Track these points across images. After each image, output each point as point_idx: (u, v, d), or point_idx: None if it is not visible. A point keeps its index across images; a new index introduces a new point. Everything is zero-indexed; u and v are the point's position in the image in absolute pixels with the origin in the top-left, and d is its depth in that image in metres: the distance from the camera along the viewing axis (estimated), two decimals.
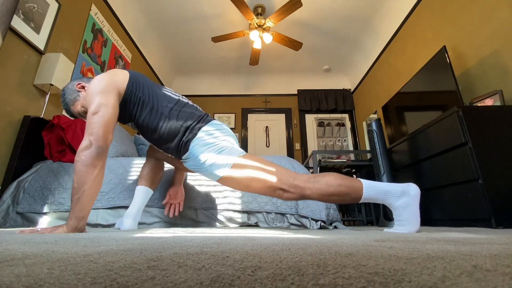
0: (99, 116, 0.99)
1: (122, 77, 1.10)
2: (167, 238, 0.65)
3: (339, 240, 0.60)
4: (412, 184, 1.01)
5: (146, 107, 1.11)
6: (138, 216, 1.27)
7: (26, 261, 0.32)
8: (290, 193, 1.03)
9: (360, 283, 0.25)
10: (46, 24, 2.05)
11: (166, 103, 1.13)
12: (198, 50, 4.18)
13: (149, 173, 1.33)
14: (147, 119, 1.12)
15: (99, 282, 0.25)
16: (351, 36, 3.86)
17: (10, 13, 1.46)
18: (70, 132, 1.81)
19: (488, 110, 1.63)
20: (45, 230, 0.89)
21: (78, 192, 0.92)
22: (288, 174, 1.04)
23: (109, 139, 1.00)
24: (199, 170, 1.14)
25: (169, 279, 0.26)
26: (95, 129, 0.97)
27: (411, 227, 0.97)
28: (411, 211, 0.97)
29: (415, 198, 0.98)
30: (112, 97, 1.04)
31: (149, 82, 1.18)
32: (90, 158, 0.94)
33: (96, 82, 1.05)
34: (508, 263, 0.31)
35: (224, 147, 1.10)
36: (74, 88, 1.15)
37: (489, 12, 2.03)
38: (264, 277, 0.27)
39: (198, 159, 1.09)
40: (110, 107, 1.02)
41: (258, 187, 1.06)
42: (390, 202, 0.99)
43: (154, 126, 1.11)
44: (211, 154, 1.08)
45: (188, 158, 1.12)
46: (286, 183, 1.02)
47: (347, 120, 4.86)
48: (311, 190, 1.01)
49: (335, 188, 1.00)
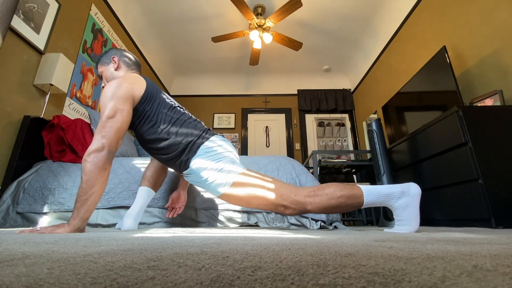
0: (114, 121, 1.00)
1: (140, 87, 1.12)
2: (167, 238, 0.65)
3: (339, 240, 0.60)
4: (413, 184, 1.01)
5: (149, 121, 1.14)
6: (139, 216, 1.27)
7: (26, 261, 0.32)
8: (292, 209, 1.04)
9: (360, 283, 0.25)
10: (46, 24, 2.05)
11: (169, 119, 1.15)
12: (198, 50, 4.18)
13: (152, 175, 1.34)
14: (147, 132, 1.14)
15: (99, 282, 0.25)
16: (351, 36, 3.85)
17: (10, 13, 1.46)
18: (70, 132, 1.81)
19: (488, 110, 1.63)
20: (45, 230, 0.88)
21: (87, 193, 0.92)
22: (289, 190, 1.05)
23: (119, 144, 1.03)
24: (200, 186, 1.16)
25: (169, 279, 0.26)
26: (109, 133, 0.98)
27: (411, 227, 0.97)
28: (411, 211, 0.97)
29: (415, 198, 0.98)
30: (128, 104, 1.06)
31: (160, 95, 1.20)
32: (101, 160, 0.94)
33: (114, 85, 1.06)
34: (508, 263, 0.31)
35: (225, 163, 1.12)
36: (110, 57, 1.26)
37: (489, 12, 2.03)
38: (264, 277, 0.27)
39: (199, 176, 1.11)
40: (126, 113, 1.04)
41: (259, 203, 1.07)
42: (391, 204, 1.00)
43: (153, 140, 1.14)
44: (211, 172, 1.10)
45: (190, 174, 1.15)
46: (287, 200, 1.03)
47: (347, 120, 4.86)
48: (312, 205, 1.02)
49: (336, 200, 1.01)
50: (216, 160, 1.11)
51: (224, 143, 1.20)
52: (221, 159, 1.13)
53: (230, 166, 1.11)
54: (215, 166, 1.10)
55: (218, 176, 1.09)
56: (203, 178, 1.11)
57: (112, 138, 0.98)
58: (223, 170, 1.09)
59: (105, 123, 0.99)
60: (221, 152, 1.15)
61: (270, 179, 1.10)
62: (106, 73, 1.26)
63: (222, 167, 1.10)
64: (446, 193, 1.71)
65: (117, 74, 1.25)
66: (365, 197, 1.00)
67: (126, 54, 1.30)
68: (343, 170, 3.17)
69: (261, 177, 1.09)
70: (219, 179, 1.08)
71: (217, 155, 1.13)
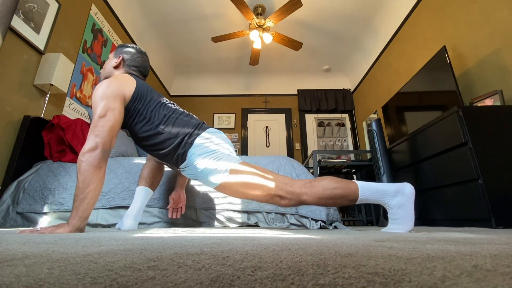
0: (105, 120, 1.01)
1: (130, 85, 1.13)
2: (167, 238, 0.65)
3: (339, 240, 0.60)
4: (407, 184, 1.02)
5: (143, 119, 1.14)
6: (138, 216, 1.28)
7: (26, 261, 0.32)
8: (287, 199, 1.05)
9: (360, 283, 0.25)
10: (46, 24, 2.05)
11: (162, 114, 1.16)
12: (198, 50, 4.18)
13: (149, 174, 1.35)
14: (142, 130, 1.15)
15: (99, 282, 0.25)
16: (351, 36, 3.85)
17: (10, 13, 1.46)
18: (70, 132, 1.81)
19: (488, 110, 1.63)
20: (45, 230, 0.88)
21: (84, 192, 0.93)
22: (285, 181, 1.06)
23: (113, 142, 1.03)
24: (197, 178, 1.17)
25: (169, 279, 0.26)
26: (102, 132, 0.99)
27: (406, 225, 0.98)
28: (406, 210, 0.99)
29: (409, 197, 1.00)
30: (118, 102, 1.07)
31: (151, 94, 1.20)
32: (96, 159, 0.96)
33: (104, 85, 1.08)
34: (508, 263, 0.31)
35: (221, 154, 1.13)
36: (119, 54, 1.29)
37: (489, 12, 2.03)
38: (264, 277, 0.27)
39: (196, 167, 1.12)
40: (117, 112, 1.05)
41: (255, 194, 1.08)
42: (386, 202, 1.02)
43: (148, 136, 1.15)
44: (208, 161, 1.11)
45: (187, 167, 1.16)
46: (283, 190, 1.05)
47: (347, 120, 4.86)
48: (307, 195, 1.03)
49: (331, 191, 1.02)
50: (213, 150, 1.13)
51: (220, 134, 1.22)
52: (218, 149, 1.14)
53: (226, 157, 1.12)
54: (212, 155, 1.12)
55: (215, 165, 1.10)
56: (199, 170, 1.11)
57: (105, 137, 0.99)
58: (220, 160, 1.11)
59: (97, 122, 1.00)
60: (217, 143, 1.16)
61: (266, 170, 1.11)
62: (106, 64, 1.30)
63: (219, 158, 1.11)
64: (446, 193, 1.71)
65: (112, 72, 1.27)
66: (360, 192, 1.01)
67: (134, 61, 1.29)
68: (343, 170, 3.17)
69: (257, 168, 1.11)
70: (216, 167, 1.09)
71: (214, 145, 1.15)
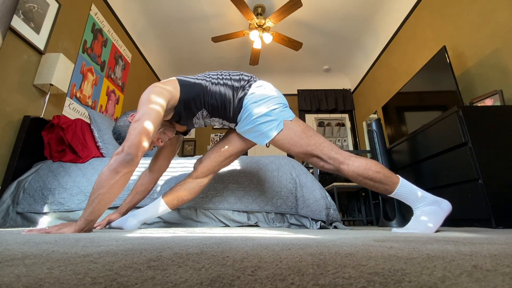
0: (139, 123, 0.97)
1: (176, 93, 1.12)
2: (167, 238, 0.65)
3: (339, 240, 0.60)
4: (446, 201, 1.04)
5: (193, 99, 1.14)
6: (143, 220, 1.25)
7: (26, 261, 0.32)
8: (326, 163, 1.10)
9: (360, 283, 0.25)
10: (46, 24, 2.05)
11: (210, 79, 1.16)
12: (198, 50, 4.18)
13: (180, 196, 1.25)
14: (196, 106, 1.14)
15: (99, 282, 0.25)
16: (351, 36, 3.85)
17: (10, 13, 1.46)
18: (70, 132, 1.81)
19: (488, 110, 1.63)
20: (52, 229, 0.89)
21: (94, 194, 0.91)
22: (330, 147, 1.11)
23: (141, 148, 0.95)
24: (251, 129, 1.15)
25: (169, 279, 0.26)
26: (132, 135, 0.95)
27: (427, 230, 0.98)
28: (436, 219, 1.00)
29: (444, 211, 1.01)
30: (161, 107, 1.03)
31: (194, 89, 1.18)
32: (115, 163, 0.91)
33: (150, 90, 1.05)
34: (508, 263, 0.31)
35: (277, 104, 1.14)
36: (127, 122, 1.16)
37: (489, 12, 2.03)
38: (264, 277, 0.27)
39: (252, 114, 1.12)
40: (153, 116, 1.00)
41: (297, 151, 1.12)
42: (418, 206, 1.02)
43: (206, 102, 1.14)
44: (263, 108, 1.12)
45: (242, 118, 1.14)
46: (324, 153, 1.09)
47: (347, 120, 4.86)
48: (348, 167, 1.05)
49: (373, 173, 1.04)
50: (268, 96, 1.15)
51: (271, 85, 1.24)
52: (273, 94, 1.16)
53: (282, 108, 1.15)
54: (268, 102, 1.13)
55: (270, 114, 1.11)
56: (255, 117, 1.11)
57: (133, 140, 0.94)
58: (275, 111, 1.13)
59: (131, 126, 0.97)
60: (272, 89, 1.18)
61: (316, 133, 1.16)
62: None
63: (274, 108, 1.13)
64: (446, 193, 1.71)
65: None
66: (400, 186, 1.02)
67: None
68: None
69: (308, 127, 1.15)
70: (270, 119, 1.11)
71: (269, 91, 1.17)
